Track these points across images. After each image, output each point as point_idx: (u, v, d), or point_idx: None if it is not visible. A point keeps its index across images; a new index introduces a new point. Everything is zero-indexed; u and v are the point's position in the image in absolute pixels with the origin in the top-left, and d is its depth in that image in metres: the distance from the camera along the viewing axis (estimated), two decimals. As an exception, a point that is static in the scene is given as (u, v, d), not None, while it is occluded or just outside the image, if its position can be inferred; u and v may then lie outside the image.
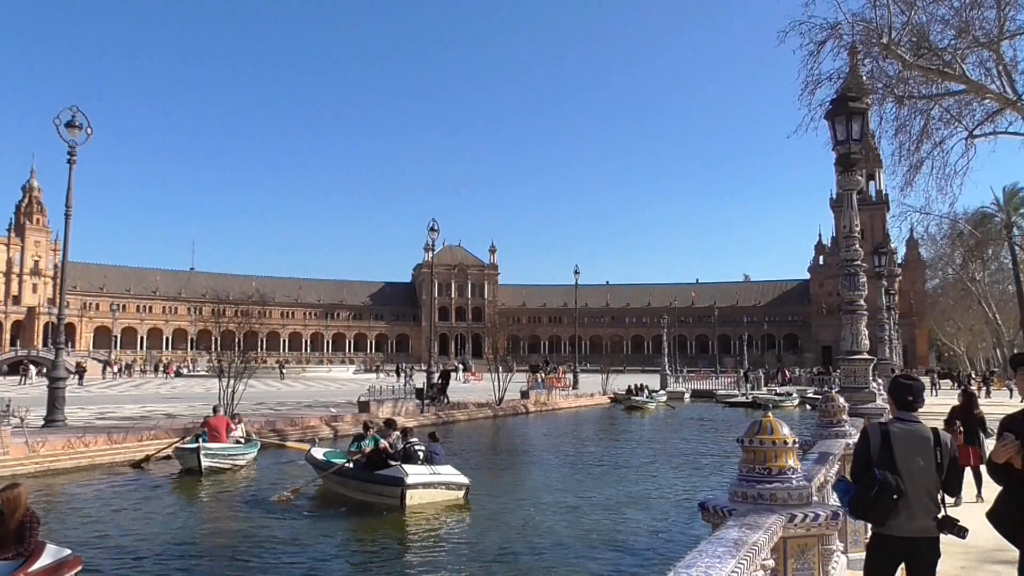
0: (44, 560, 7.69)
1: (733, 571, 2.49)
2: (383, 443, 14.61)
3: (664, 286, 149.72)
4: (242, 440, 18.19)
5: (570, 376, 55.49)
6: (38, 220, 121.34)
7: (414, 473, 12.95)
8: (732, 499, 3.70)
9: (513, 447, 25.03)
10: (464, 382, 63.93)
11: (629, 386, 42.70)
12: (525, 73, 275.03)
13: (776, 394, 43.96)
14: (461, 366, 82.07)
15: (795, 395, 43.42)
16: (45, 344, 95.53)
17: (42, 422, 21.18)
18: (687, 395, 49.11)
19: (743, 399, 44.06)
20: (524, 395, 37.54)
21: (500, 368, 35.90)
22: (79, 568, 8.37)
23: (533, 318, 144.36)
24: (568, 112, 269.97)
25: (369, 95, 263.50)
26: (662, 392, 46.91)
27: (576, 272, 58.58)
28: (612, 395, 42.86)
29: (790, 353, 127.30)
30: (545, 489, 15.67)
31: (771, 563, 3.21)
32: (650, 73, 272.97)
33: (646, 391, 41.48)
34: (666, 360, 58.92)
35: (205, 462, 16.25)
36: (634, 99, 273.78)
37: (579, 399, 42.60)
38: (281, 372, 74.30)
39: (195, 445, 16.58)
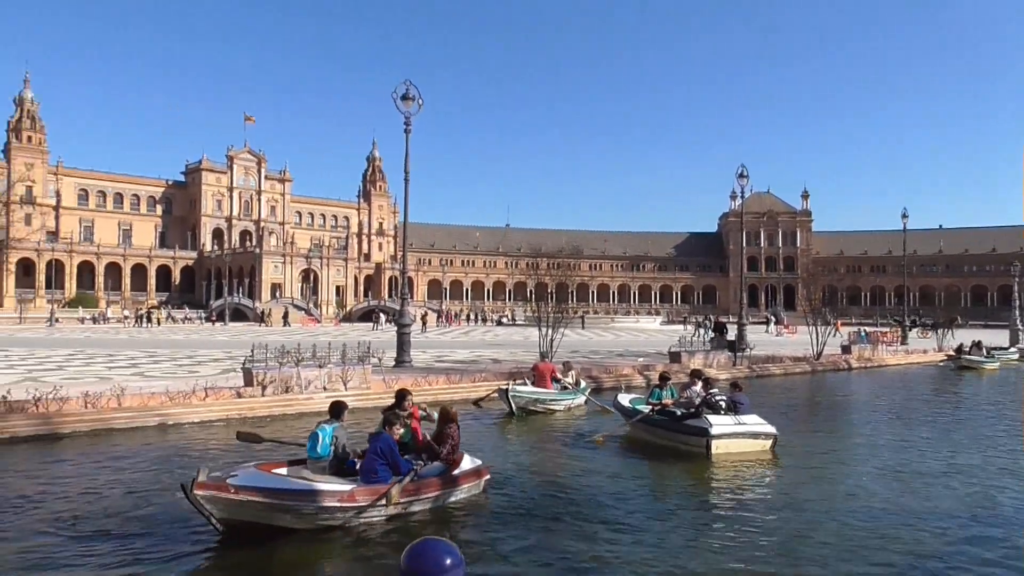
0: (465, 465, 9.70)
1: None
2: (667, 400, 14.87)
3: (1013, 228, 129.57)
4: (570, 386, 19.05)
5: (898, 330, 50.63)
6: (380, 187, 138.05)
7: (719, 423, 13.06)
8: None
9: (832, 403, 23.58)
10: (776, 335, 61.38)
11: (960, 343, 37.66)
12: (834, 3, 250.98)
13: None
14: (772, 318, 78.79)
15: None
16: (390, 295, 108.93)
17: (393, 363, 24.33)
18: (1045, 354, 42.25)
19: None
20: (845, 350, 35.04)
21: (817, 321, 33.87)
22: (488, 476, 9.99)
23: (852, 267, 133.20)
24: (888, 40, 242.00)
25: (671, 44, 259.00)
26: (1012, 350, 40.89)
27: (904, 216, 52.92)
28: (951, 351, 38.28)
29: None
30: (869, 448, 14.55)
31: None
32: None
33: (984, 349, 36.25)
34: (1017, 313, 51.12)
35: (514, 404, 17.43)
36: (968, 18, 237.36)
37: (909, 355, 38.76)
38: (582, 322, 76.70)
39: (506, 387, 17.92)
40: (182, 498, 7.77)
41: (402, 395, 10.64)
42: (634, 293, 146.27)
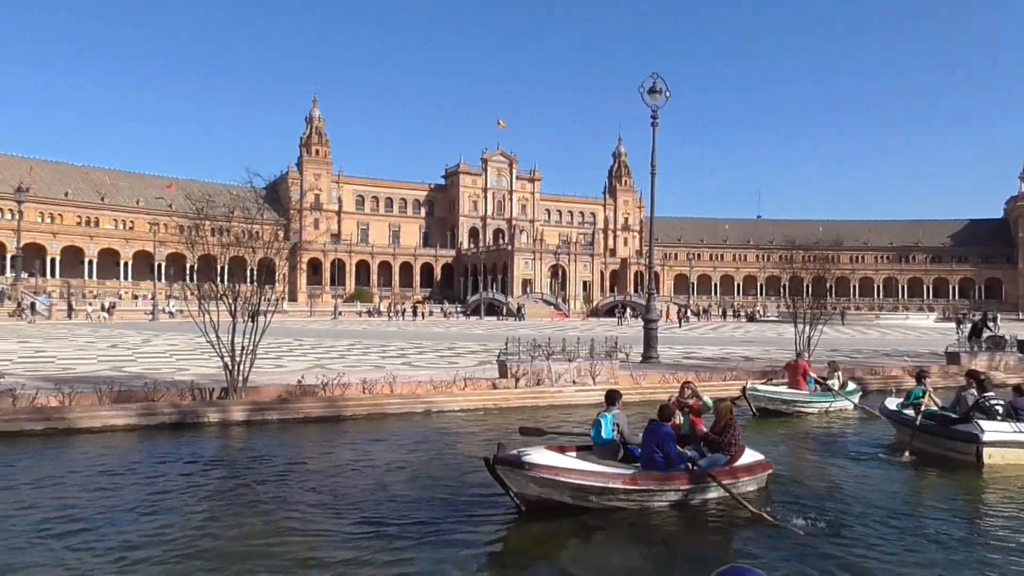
0: (745, 459, 9.70)
1: None
2: (925, 400, 13.33)
3: None
4: (835, 388, 17.78)
5: None
6: (626, 182, 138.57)
7: (992, 430, 11.68)
8: None
9: None
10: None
11: None
12: None
13: None
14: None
15: None
16: (636, 290, 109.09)
17: (640, 358, 24.36)
18: None
19: None
20: None
21: None
22: (770, 471, 9.96)
23: None
24: None
25: (940, 16, 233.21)
26: None
27: None
28: None
29: None
30: None
31: None
32: None
33: None
34: None
35: (752, 403, 16.63)
36: None
37: None
38: (842, 318, 71.09)
39: (746, 385, 17.17)
40: (464, 476, 8.86)
41: (683, 387, 11.32)
42: (902, 287, 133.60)
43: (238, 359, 15.26)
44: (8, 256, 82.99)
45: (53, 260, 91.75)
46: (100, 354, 26.11)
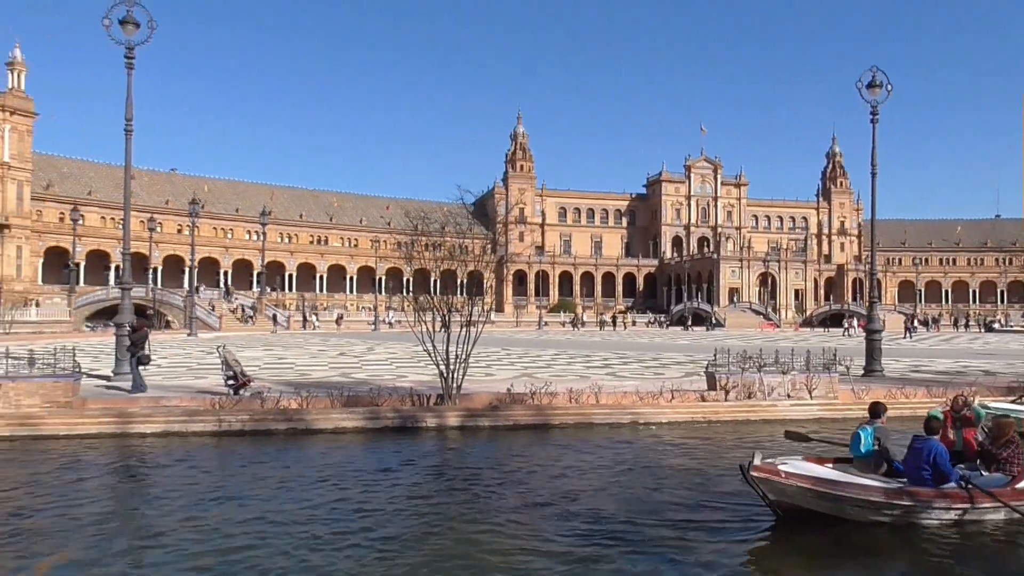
0: None
1: None
2: None
3: None
4: None
5: None
6: (841, 183, 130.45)
7: None
8: None
9: None
10: None
11: None
12: None
13: None
14: None
15: None
16: (854, 299, 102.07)
17: (862, 371, 22.74)
18: None
19: None
20: None
21: None
22: None
23: None
24: None
25: None
26: None
27: None
28: None
29: None
30: None
31: None
32: None
33: None
34: None
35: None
36: None
37: None
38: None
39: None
40: (694, 487, 9.20)
41: (956, 400, 11.02)
42: None
43: (452, 367, 16.03)
44: (254, 273, 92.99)
45: (290, 276, 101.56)
46: (331, 361, 28.49)
